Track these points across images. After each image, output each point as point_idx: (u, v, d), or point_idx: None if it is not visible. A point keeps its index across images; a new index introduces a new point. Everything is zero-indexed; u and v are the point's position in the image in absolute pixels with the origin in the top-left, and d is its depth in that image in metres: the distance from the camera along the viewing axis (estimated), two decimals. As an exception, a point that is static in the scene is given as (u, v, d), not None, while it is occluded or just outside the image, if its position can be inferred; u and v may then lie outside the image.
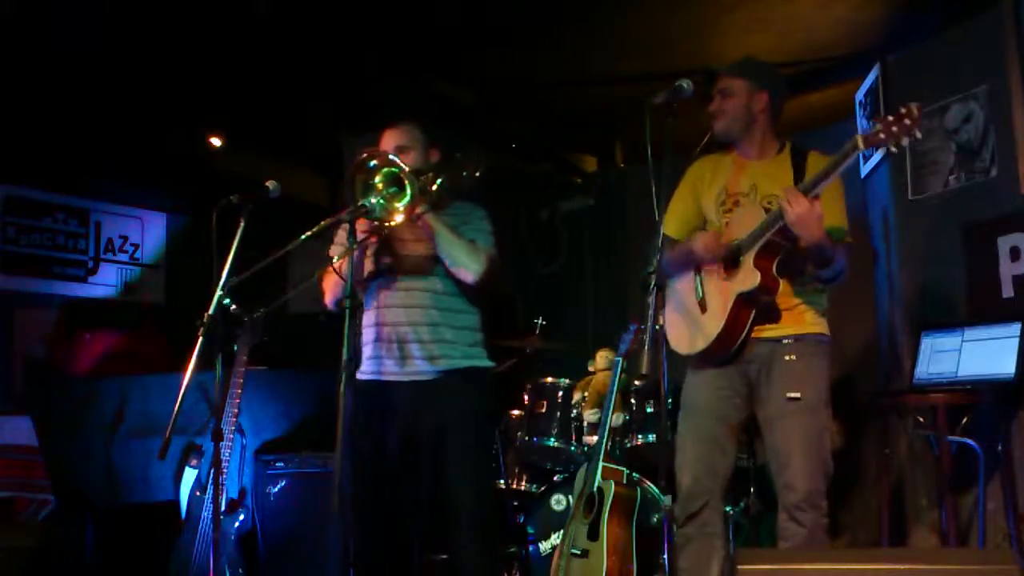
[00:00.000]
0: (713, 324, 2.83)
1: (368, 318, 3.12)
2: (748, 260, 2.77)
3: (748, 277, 2.75)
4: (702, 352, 2.87)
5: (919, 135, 2.50)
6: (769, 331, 2.85)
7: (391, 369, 3.05)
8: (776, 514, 2.84)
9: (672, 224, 3.05)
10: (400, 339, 3.03)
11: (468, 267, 2.98)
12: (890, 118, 2.52)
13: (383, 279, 3.09)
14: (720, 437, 2.90)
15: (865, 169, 4.77)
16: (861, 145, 2.55)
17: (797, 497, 2.74)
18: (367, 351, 3.11)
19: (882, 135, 2.51)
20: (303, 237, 2.83)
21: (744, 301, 2.78)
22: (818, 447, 2.79)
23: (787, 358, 2.83)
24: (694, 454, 2.89)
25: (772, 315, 2.84)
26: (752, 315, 2.80)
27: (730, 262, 2.85)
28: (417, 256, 3.07)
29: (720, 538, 2.91)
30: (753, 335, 2.83)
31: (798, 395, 2.79)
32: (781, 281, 2.78)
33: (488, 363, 3.15)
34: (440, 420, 3.02)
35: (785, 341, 2.84)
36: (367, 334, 3.12)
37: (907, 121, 2.49)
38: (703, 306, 2.89)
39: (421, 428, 3.03)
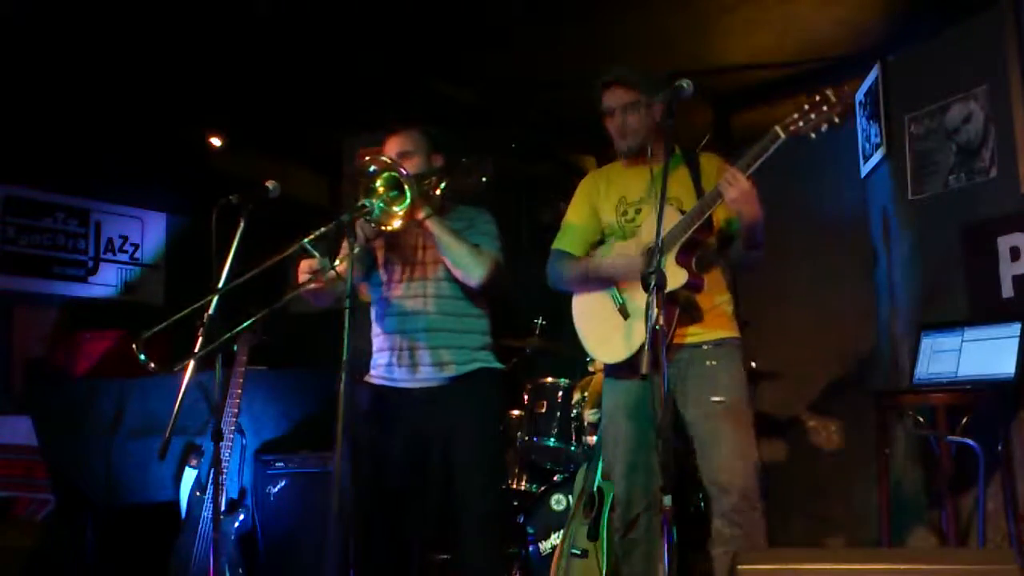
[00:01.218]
0: (641, 329, 2.80)
1: (379, 326, 3.12)
2: (670, 259, 2.74)
3: (673, 276, 2.71)
4: (632, 358, 2.83)
5: (837, 120, 2.47)
6: (689, 337, 2.85)
7: (402, 376, 3.05)
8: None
9: (568, 240, 3.11)
10: (411, 346, 3.03)
11: (471, 271, 2.98)
12: (806, 106, 2.50)
13: (392, 285, 3.10)
14: (650, 442, 2.82)
15: (865, 169, 4.77)
16: (781, 135, 2.54)
17: (733, 499, 2.72)
18: (379, 358, 3.11)
19: (801, 123, 2.51)
20: (305, 240, 2.84)
21: (670, 301, 2.72)
22: (748, 447, 2.79)
23: (708, 363, 2.83)
24: (626, 464, 2.88)
25: (696, 315, 2.84)
26: (677, 315, 2.78)
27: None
28: (424, 262, 3.08)
29: (661, 540, 2.88)
30: (675, 340, 2.81)
31: (723, 399, 2.79)
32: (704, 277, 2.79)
33: (498, 365, 3.16)
34: (451, 424, 3.02)
35: (705, 347, 2.85)
36: (378, 342, 3.12)
37: (825, 107, 2.48)
38: (624, 312, 2.87)
39: (431, 432, 3.04)
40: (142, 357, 2.65)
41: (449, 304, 3.05)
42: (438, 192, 3.04)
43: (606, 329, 2.93)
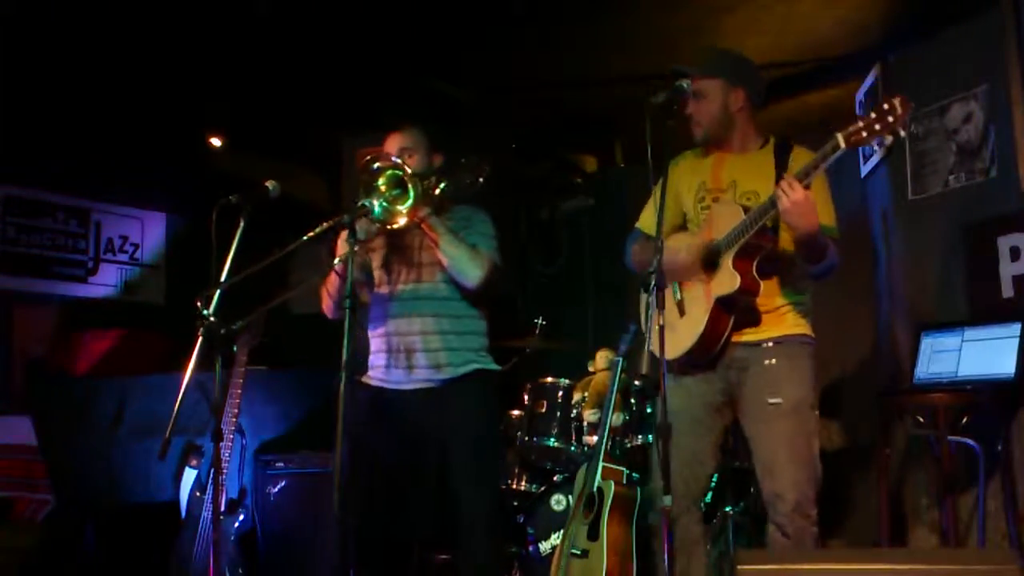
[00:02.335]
0: (692, 328, 2.73)
1: (375, 327, 3.12)
2: (727, 262, 2.67)
3: (727, 280, 2.65)
4: (681, 357, 2.77)
5: (903, 133, 2.39)
6: (749, 335, 2.76)
7: (398, 378, 3.05)
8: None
9: (650, 219, 2.95)
10: (408, 348, 3.03)
11: (469, 272, 2.97)
12: (873, 115, 2.38)
13: (389, 287, 3.10)
14: (700, 451, 2.81)
15: (865, 169, 4.77)
16: (842, 144, 2.43)
17: (787, 508, 2.66)
18: (376, 359, 3.11)
19: (864, 133, 2.39)
20: (304, 238, 2.84)
21: (723, 305, 2.68)
22: (805, 453, 2.70)
23: (767, 362, 2.74)
24: (673, 467, 2.78)
25: (752, 318, 2.74)
26: (732, 319, 2.71)
27: (708, 263, 2.74)
28: (422, 263, 3.08)
29: (700, 545, 2.85)
30: (733, 339, 2.74)
31: (779, 400, 2.69)
32: (762, 283, 2.69)
33: (494, 367, 3.15)
34: (448, 425, 3.02)
35: (765, 345, 2.75)
36: (375, 343, 3.12)
37: (890, 118, 2.35)
38: (681, 309, 2.79)
39: (429, 433, 3.04)
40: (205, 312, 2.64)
41: (446, 305, 3.05)
42: (437, 192, 3.04)
43: (666, 325, 2.87)
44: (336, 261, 2.86)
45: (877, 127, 2.37)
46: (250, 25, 4.35)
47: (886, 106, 2.37)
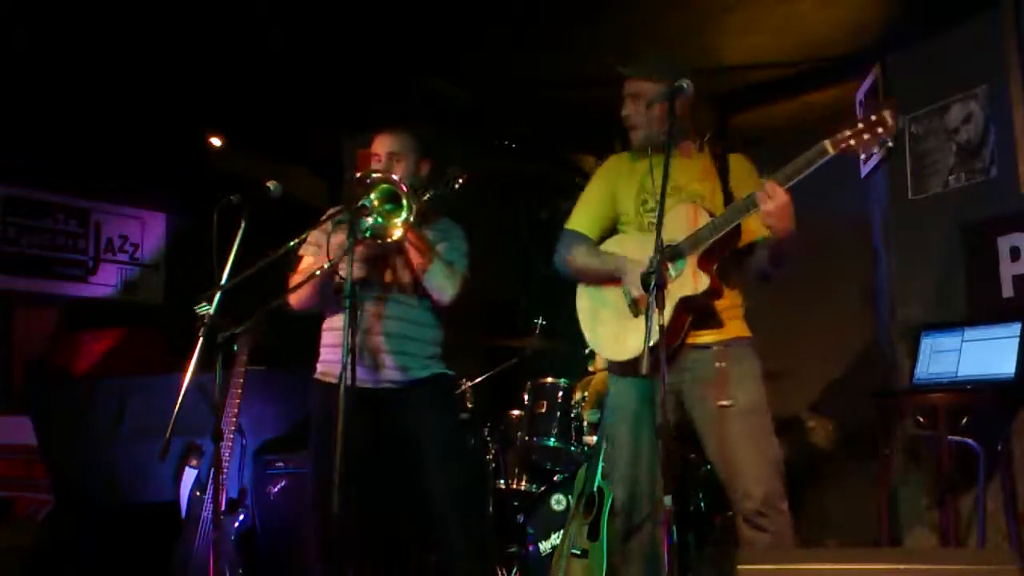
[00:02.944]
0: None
1: (340, 322, 3.09)
2: (691, 262, 2.66)
3: (693, 280, 2.64)
4: (635, 358, 2.71)
5: (891, 144, 2.41)
6: (698, 337, 2.75)
7: (364, 376, 3.04)
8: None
9: (586, 221, 2.95)
10: (372, 347, 3.03)
11: (444, 289, 3.00)
12: (861, 125, 2.40)
13: (362, 287, 3.08)
14: (653, 446, 2.77)
15: (865, 169, 4.77)
16: (830, 150, 2.44)
17: (755, 504, 2.65)
18: (334, 355, 3.10)
19: (852, 141, 2.40)
20: (303, 236, 2.83)
21: (685, 305, 2.67)
22: (766, 449, 2.70)
23: (717, 365, 2.73)
24: (628, 467, 2.79)
25: (709, 319, 2.74)
26: (689, 320, 2.70)
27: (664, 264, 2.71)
28: (395, 268, 3.08)
29: (660, 548, 2.85)
30: (686, 340, 2.73)
31: (729, 402, 2.69)
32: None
33: (449, 372, 3.17)
34: (415, 424, 3.04)
35: (714, 348, 2.75)
36: (338, 337, 3.10)
37: (879, 130, 2.38)
38: (635, 309, 2.76)
39: (396, 430, 3.05)
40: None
41: (414, 312, 3.07)
42: (423, 200, 3.03)
43: (615, 325, 2.82)
44: (328, 262, 2.85)
45: (866, 137, 2.39)
46: (250, 25, 4.35)
47: (874, 117, 2.39)
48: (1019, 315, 3.55)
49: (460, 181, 3.13)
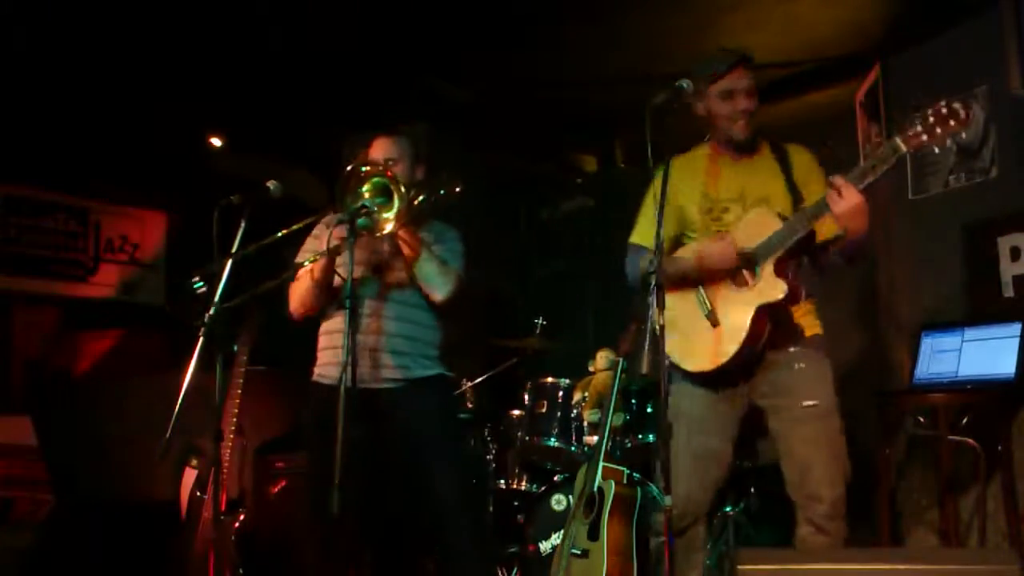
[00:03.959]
0: (731, 339, 2.67)
1: (338, 324, 3.10)
2: (767, 269, 2.62)
3: (771, 287, 2.60)
4: (719, 368, 2.70)
5: (964, 136, 2.33)
6: (777, 341, 2.71)
7: (364, 376, 3.04)
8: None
9: (647, 232, 2.86)
10: (371, 347, 3.03)
11: (438, 287, 3.02)
12: (932, 118, 2.33)
13: (360, 290, 3.09)
14: (718, 453, 2.80)
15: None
16: (903, 147, 2.38)
17: (824, 508, 2.65)
18: (333, 356, 3.10)
19: (925, 137, 2.34)
20: (294, 227, 2.85)
21: (764, 313, 2.63)
22: (839, 452, 2.72)
23: (797, 366, 2.72)
24: (689, 470, 2.74)
25: (788, 325, 2.71)
26: (768, 327, 2.66)
27: (739, 272, 2.70)
28: (393, 269, 3.09)
29: (700, 552, 2.85)
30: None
31: (815, 402, 2.69)
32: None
33: (448, 372, 3.19)
34: (412, 425, 3.04)
35: (792, 350, 2.73)
36: (336, 339, 3.11)
37: (952, 122, 2.31)
38: (713, 320, 2.72)
39: (394, 431, 3.05)
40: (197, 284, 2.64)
41: (413, 312, 3.09)
42: (416, 203, 3.05)
43: (691, 336, 2.76)
44: (313, 258, 2.86)
45: (938, 131, 2.33)
46: (250, 25, 4.35)
47: (945, 109, 2.32)
48: (1019, 315, 3.55)
49: (452, 189, 3.15)
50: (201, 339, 2.67)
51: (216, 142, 5.69)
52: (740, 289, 2.69)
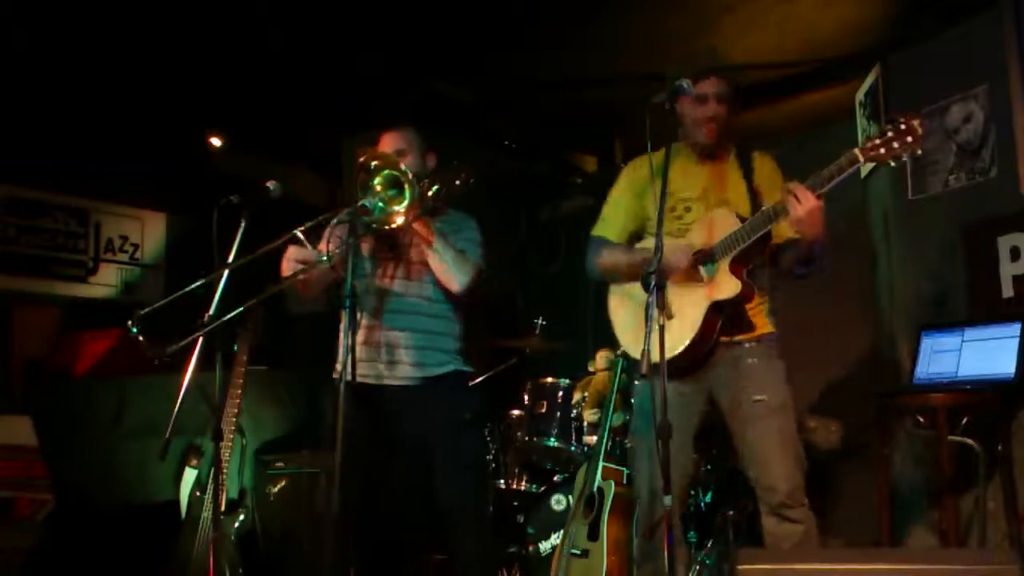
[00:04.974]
0: (682, 332, 2.76)
1: (363, 322, 3.10)
2: (723, 267, 2.72)
3: (726, 284, 2.70)
4: (670, 362, 2.70)
5: (920, 152, 2.43)
6: (730, 337, 2.81)
7: (382, 372, 3.05)
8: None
9: (609, 226, 3.03)
10: (391, 343, 3.03)
11: (455, 277, 3.00)
12: (890, 133, 2.45)
13: (378, 284, 3.09)
14: (679, 447, 2.77)
15: (865, 169, 4.77)
16: (861, 159, 2.49)
17: (780, 497, 2.73)
18: (361, 353, 3.09)
19: (882, 150, 2.45)
20: (297, 231, 2.83)
21: (717, 308, 2.74)
22: (792, 444, 2.78)
23: (749, 361, 2.81)
24: (652, 468, 2.79)
25: (740, 320, 2.80)
26: (720, 322, 2.76)
27: (695, 269, 2.79)
28: (411, 262, 3.08)
29: (683, 544, 2.91)
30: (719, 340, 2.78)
31: (764, 397, 2.76)
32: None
33: (468, 368, 3.17)
34: (428, 423, 3.03)
35: (747, 345, 2.82)
36: (358, 336, 3.10)
37: (909, 138, 2.42)
38: (668, 314, 2.71)
39: (410, 429, 3.04)
40: (134, 330, 2.65)
41: (432, 306, 3.08)
42: (430, 194, 3.04)
43: (645, 328, 2.85)
44: (324, 256, 2.85)
45: (895, 145, 2.44)
46: (250, 25, 4.35)
47: (903, 126, 2.43)
48: (1019, 315, 3.55)
49: (465, 178, 3.14)
50: (201, 339, 2.67)
51: (216, 142, 5.70)
52: (695, 285, 2.78)
